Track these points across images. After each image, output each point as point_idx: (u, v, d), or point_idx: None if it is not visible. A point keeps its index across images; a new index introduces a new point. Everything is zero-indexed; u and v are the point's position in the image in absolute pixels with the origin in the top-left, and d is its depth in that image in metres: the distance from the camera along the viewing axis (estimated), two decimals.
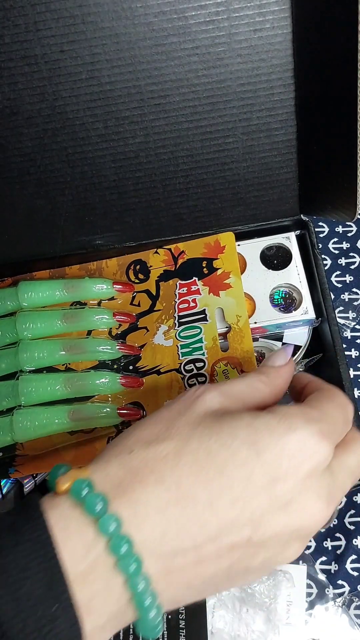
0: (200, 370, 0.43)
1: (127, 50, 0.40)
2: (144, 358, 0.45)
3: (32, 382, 0.45)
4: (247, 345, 0.43)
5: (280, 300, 0.51)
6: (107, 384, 0.44)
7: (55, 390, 0.44)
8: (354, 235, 0.61)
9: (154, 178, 0.47)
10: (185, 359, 0.44)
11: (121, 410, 0.43)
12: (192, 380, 0.43)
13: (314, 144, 0.44)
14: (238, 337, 0.44)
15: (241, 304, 0.44)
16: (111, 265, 0.50)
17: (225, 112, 0.43)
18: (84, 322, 0.47)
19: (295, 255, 0.51)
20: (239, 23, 0.39)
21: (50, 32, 0.39)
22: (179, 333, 0.45)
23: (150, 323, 0.47)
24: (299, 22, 0.39)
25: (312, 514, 0.25)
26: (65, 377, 0.45)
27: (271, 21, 0.39)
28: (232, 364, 0.42)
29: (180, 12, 0.38)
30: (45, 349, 0.45)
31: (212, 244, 0.49)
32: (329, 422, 0.26)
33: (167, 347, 0.45)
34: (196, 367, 0.43)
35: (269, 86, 0.42)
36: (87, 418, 0.43)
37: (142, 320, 0.47)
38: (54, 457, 0.44)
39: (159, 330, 0.46)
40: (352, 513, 0.52)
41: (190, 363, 0.44)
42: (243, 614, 0.48)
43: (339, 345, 0.48)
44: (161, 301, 0.47)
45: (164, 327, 0.46)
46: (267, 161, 0.47)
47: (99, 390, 0.45)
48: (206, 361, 0.43)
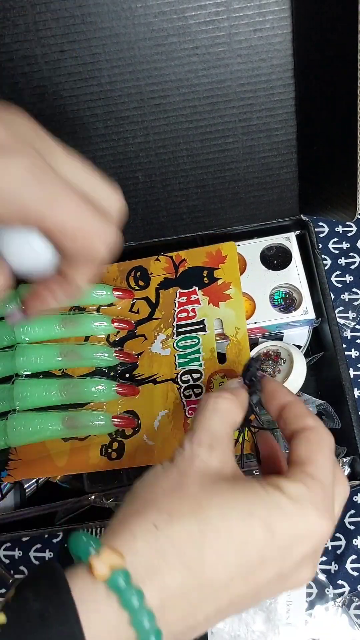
0: (197, 382, 0.43)
1: (127, 50, 0.40)
2: (141, 366, 0.45)
3: (28, 386, 0.44)
4: (244, 358, 0.43)
5: (280, 301, 0.51)
6: (102, 391, 0.44)
7: (51, 395, 0.44)
8: (354, 235, 0.61)
9: (154, 178, 0.47)
10: (182, 369, 0.44)
11: (115, 419, 0.43)
12: (188, 391, 0.43)
13: (314, 144, 0.44)
14: (236, 349, 0.44)
15: (240, 316, 0.44)
16: (112, 270, 0.50)
17: (225, 112, 0.43)
18: (82, 328, 0.46)
19: (295, 256, 0.51)
20: (239, 23, 0.39)
21: (50, 32, 0.39)
22: (177, 343, 0.45)
23: (148, 331, 0.47)
24: (299, 22, 0.39)
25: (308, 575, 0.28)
26: (60, 383, 0.45)
27: (271, 21, 0.39)
28: (228, 377, 0.42)
29: (180, 12, 0.38)
30: (42, 354, 0.45)
31: (214, 253, 0.49)
32: (327, 491, 0.28)
33: (164, 356, 0.45)
34: (193, 378, 0.43)
35: (269, 86, 0.42)
36: (81, 425, 0.43)
37: (140, 327, 0.47)
38: (47, 463, 0.44)
39: (157, 338, 0.46)
40: (352, 513, 0.52)
41: (187, 374, 0.44)
42: (243, 614, 0.48)
43: (339, 345, 0.48)
44: (160, 309, 0.47)
45: (162, 335, 0.46)
46: (267, 161, 0.47)
47: (94, 398, 0.44)
48: (203, 372, 0.43)
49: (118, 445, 0.43)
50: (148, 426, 0.43)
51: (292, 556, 0.27)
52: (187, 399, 0.43)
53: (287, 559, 0.27)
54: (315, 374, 0.54)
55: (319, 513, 0.27)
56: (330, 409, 0.49)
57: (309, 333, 0.52)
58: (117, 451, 0.43)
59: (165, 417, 0.42)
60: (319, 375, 0.54)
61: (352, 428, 0.46)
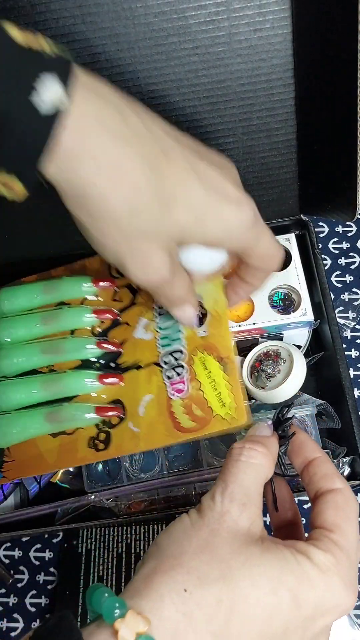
0: (179, 361, 0.42)
1: (127, 50, 0.40)
2: (125, 354, 0.45)
3: (8, 387, 0.44)
4: (224, 330, 0.41)
5: (279, 302, 0.51)
6: (85, 383, 0.44)
7: (32, 394, 0.44)
8: (354, 235, 0.61)
9: None
10: (164, 350, 0.43)
11: (99, 409, 0.43)
12: (170, 372, 0.42)
13: (314, 144, 0.44)
14: (216, 322, 0.42)
15: (218, 286, 0.42)
16: (94, 262, 0.49)
17: (225, 112, 0.43)
18: (64, 323, 0.46)
19: (295, 257, 0.51)
20: (239, 23, 0.39)
21: (50, 32, 0.39)
22: (159, 325, 0.44)
23: (131, 318, 0.46)
24: (299, 22, 0.39)
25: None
26: (41, 380, 0.44)
27: (271, 21, 0.39)
28: (209, 351, 0.41)
29: (180, 12, 0.38)
30: (23, 354, 0.45)
31: None
32: (353, 562, 0.28)
33: (147, 340, 0.44)
34: (174, 358, 0.42)
35: (269, 86, 0.42)
36: (65, 419, 0.43)
37: (123, 315, 0.46)
38: (38, 461, 0.44)
39: (139, 324, 0.45)
40: None
41: (169, 355, 0.43)
42: None
43: (338, 345, 0.48)
44: (141, 294, 0.46)
45: (144, 320, 0.45)
46: (267, 161, 0.47)
47: (78, 390, 0.44)
48: (185, 351, 0.42)
49: (105, 436, 0.42)
50: (133, 413, 0.42)
51: (314, 627, 0.27)
52: (170, 380, 0.42)
53: (309, 628, 0.27)
54: (315, 374, 0.54)
55: (344, 586, 0.27)
56: (330, 409, 0.49)
57: (309, 333, 0.52)
58: (104, 442, 0.42)
59: (149, 402, 0.42)
60: (319, 375, 0.54)
61: (352, 428, 0.46)
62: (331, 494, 0.30)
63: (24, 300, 0.47)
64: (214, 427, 0.39)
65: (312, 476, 0.31)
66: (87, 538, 0.53)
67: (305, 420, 0.48)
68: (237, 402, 0.39)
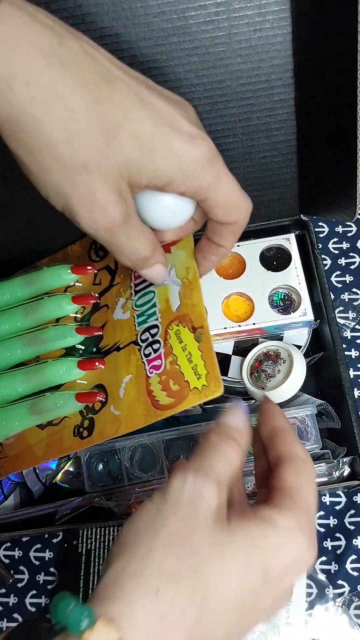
0: (155, 337, 0.41)
1: (127, 50, 0.39)
2: (106, 337, 0.44)
3: None
4: (196, 299, 0.39)
5: (279, 302, 0.51)
6: (66, 370, 0.43)
7: (16, 388, 0.44)
8: (354, 235, 0.61)
9: None
10: (141, 328, 0.42)
11: (80, 395, 0.42)
12: (147, 349, 0.41)
13: (314, 144, 0.44)
14: (188, 291, 0.40)
15: (190, 254, 0.41)
16: (75, 250, 0.49)
17: (225, 112, 0.43)
18: (45, 313, 0.46)
19: (294, 257, 0.51)
20: (239, 23, 0.39)
21: None
22: (135, 303, 0.43)
23: (110, 299, 0.45)
24: (299, 22, 0.39)
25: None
26: (23, 372, 0.44)
27: (271, 21, 0.39)
28: (183, 323, 0.39)
29: (180, 12, 0.38)
30: (7, 349, 0.45)
31: None
32: (312, 518, 0.29)
33: (125, 320, 0.43)
34: (151, 335, 0.41)
35: (269, 86, 0.42)
36: (48, 409, 0.43)
37: (103, 298, 0.45)
38: (28, 455, 0.44)
39: (118, 304, 0.44)
40: (352, 513, 0.52)
41: (146, 332, 0.42)
42: None
43: (338, 345, 0.48)
44: (119, 274, 0.46)
45: (122, 300, 0.44)
46: (267, 161, 0.47)
47: (61, 379, 0.43)
48: (160, 325, 0.41)
49: (89, 422, 0.42)
50: (114, 395, 0.41)
51: (284, 585, 0.28)
52: (147, 358, 0.41)
53: (279, 588, 0.27)
54: (315, 374, 0.54)
55: (307, 544, 0.28)
56: (330, 409, 0.49)
57: (309, 333, 0.52)
58: (88, 429, 0.42)
59: (129, 383, 0.41)
60: (319, 375, 0.54)
61: (352, 428, 0.46)
62: (294, 461, 0.30)
63: (8, 295, 0.47)
64: (191, 400, 0.37)
65: (275, 442, 0.32)
66: (87, 538, 0.53)
67: (305, 420, 0.48)
68: (212, 373, 0.37)
